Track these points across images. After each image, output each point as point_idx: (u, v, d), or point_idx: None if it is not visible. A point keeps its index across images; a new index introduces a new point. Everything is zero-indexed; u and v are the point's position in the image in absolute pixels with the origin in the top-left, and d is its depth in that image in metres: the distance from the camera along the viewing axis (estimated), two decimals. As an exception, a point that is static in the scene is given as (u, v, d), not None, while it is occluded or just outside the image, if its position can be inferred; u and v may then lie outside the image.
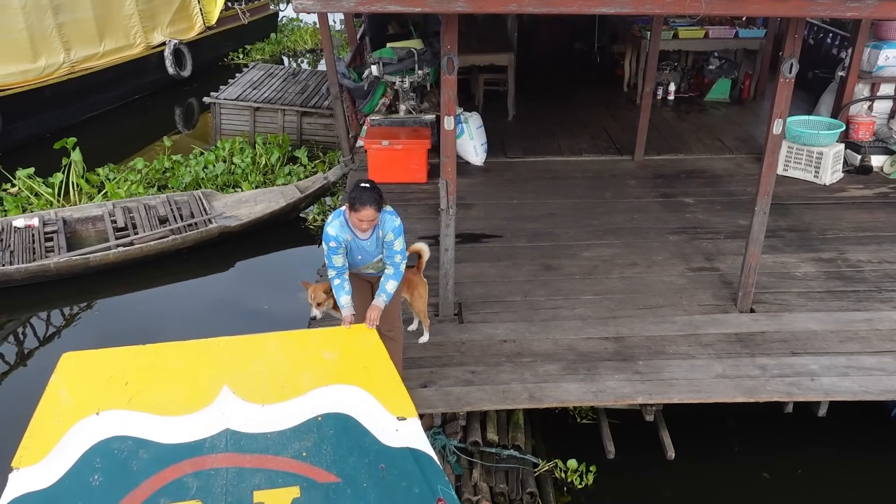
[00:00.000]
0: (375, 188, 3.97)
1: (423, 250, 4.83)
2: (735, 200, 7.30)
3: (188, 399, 3.75)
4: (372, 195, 3.91)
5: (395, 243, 4.11)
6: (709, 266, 6.09)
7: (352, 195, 3.95)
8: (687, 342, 5.11)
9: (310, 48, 17.37)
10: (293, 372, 4.00)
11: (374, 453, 3.50)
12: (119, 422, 3.59)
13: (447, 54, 4.58)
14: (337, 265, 4.17)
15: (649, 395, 4.59)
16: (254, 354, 4.12)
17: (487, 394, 4.62)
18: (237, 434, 3.55)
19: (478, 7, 3.75)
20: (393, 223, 4.07)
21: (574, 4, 3.73)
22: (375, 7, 3.72)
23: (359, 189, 3.94)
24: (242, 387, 3.82)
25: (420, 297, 4.85)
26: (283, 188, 8.31)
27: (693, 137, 9.02)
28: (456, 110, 4.83)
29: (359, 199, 3.90)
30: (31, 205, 8.30)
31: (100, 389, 3.80)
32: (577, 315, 5.44)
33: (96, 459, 3.39)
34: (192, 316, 6.72)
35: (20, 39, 10.34)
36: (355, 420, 3.68)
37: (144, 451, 3.44)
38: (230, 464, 3.40)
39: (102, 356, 4.08)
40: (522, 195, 7.49)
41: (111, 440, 3.48)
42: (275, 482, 3.32)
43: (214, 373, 3.93)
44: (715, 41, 10.14)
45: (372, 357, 4.01)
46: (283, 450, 3.48)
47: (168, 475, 3.34)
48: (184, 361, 4.05)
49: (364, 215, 3.91)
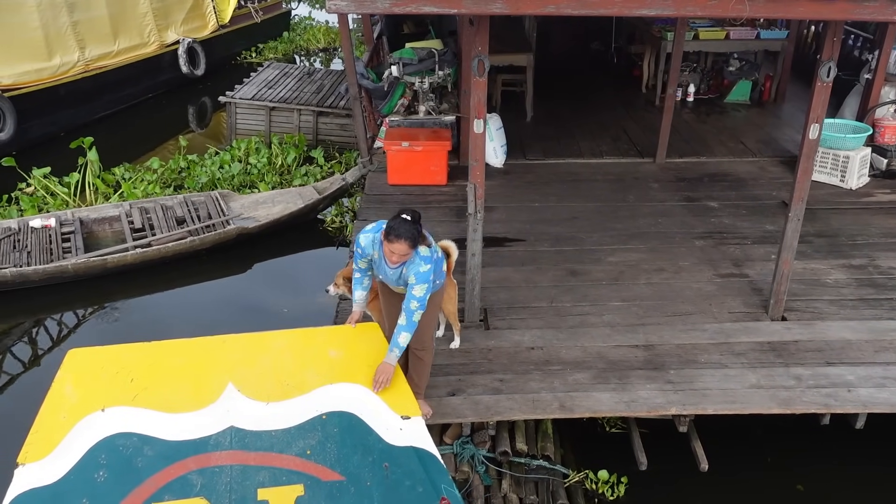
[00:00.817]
0: (417, 223, 3.71)
1: (452, 249, 4.73)
2: (761, 205, 7.19)
3: (193, 396, 3.76)
4: (409, 230, 3.65)
5: (414, 288, 3.78)
6: (737, 272, 5.98)
7: (390, 223, 3.70)
8: (719, 351, 5.00)
9: (323, 47, 17.30)
10: (298, 370, 4.02)
11: (378, 452, 3.52)
12: (124, 418, 3.61)
13: (478, 56, 4.49)
14: (360, 267, 4.15)
15: (683, 406, 4.48)
16: (259, 352, 4.13)
17: (517, 403, 4.52)
18: (242, 431, 3.57)
19: (515, 8, 3.65)
20: (418, 268, 3.76)
21: (614, 6, 3.64)
22: (410, 8, 3.63)
23: (399, 219, 3.68)
24: (247, 384, 3.84)
25: (450, 299, 4.76)
26: (300, 189, 8.23)
27: (715, 140, 8.90)
28: (485, 113, 4.73)
29: (394, 230, 3.64)
30: (48, 204, 8.24)
31: (105, 386, 3.82)
32: (606, 322, 5.34)
33: (101, 456, 3.42)
34: (210, 318, 6.64)
35: (35, 38, 10.29)
36: (359, 419, 3.72)
37: (149, 448, 3.46)
38: (235, 461, 3.42)
39: (108, 353, 4.11)
40: (544, 198, 7.39)
41: (116, 437, 3.51)
42: (279, 480, 3.34)
43: (219, 370, 3.94)
44: (736, 42, 10.01)
45: (377, 356, 3.98)
46: (288, 448, 3.51)
47: (173, 472, 3.36)
48: (189, 358, 4.07)
49: (395, 248, 3.67)
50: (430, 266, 3.83)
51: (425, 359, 4.29)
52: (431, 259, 3.86)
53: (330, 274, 7.22)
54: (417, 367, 4.32)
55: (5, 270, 6.61)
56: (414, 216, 3.73)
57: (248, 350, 4.14)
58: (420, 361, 4.28)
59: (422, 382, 4.38)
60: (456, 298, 4.82)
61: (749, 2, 3.60)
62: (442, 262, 4.17)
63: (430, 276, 3.82)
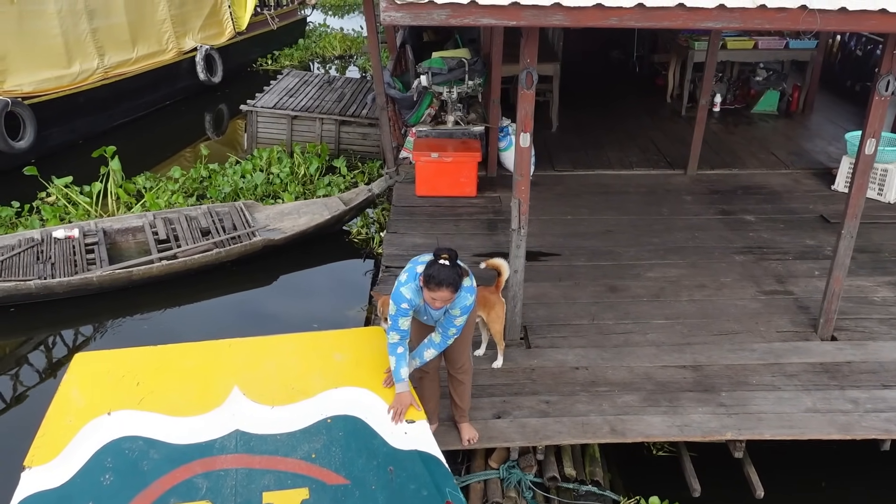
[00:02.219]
0: (455, 264, 3.51)
1: (504, 267, 4.61)
2: (798, 219, 7.04)
3: (199, 400, 3.78)
4: (451, 275, 3.46)
5: (456, 319, 3.69)
6: (781, 289, 5.83)
7: (428, 271, 3.49)
8: (770, 372, 4.85)
9: (338, 54, 17.20)
10: (303, 373, 4.03)
11: (383, 456, 3.54)
12: (130, 422, 3.63)
13: (526, 68, 4.36)
14: (402, 328, 3.70)
15: (738, 431, 4.33)
16: (264, 356, 4.14)
17: (566, 426, 4.37)
18: (247, 435, 3.58)
19: (576, 21, 3.52)
20: (465, 301, 3.63)
21: (679, 18, 3.51)
22: (468, 20, 3.50)
23: (437, 266, 3.48)
24: (253, 388, 3.85)
25: (498, 318, 4.63)
26: (326, 200, 8.10)
27: (745, 151, 8.76)
28: (531, 125, 4.61)
29: (435, 279, 3.45)
30: (69, 214, 8.12)
31: (111, 390, 3.84)
32: (650, 341, 5.19)
33: (107, 459, 3.43)
34: (236, 332, 6.50)
35: (55, 45, 10.21)
36: (364, 422, 3.73)
37: (155, 452, 3.48)
38: (240, 465, 3.44)
39: (114, 357, 4.13)
40: (576, 210, 7.25)
41: (122, 440, 3.53)
42: (284, 483, 3.36)
43: (225, 374, 3.96)
44: (764, 52, 9.88)
45: (382, 360, 3.93)
46: (293, 451, 3.52)
47: (178, 475, 3.38)
48: (195, 362, 4.08)
49: (439, 295, 3.50)
50: (474, 297, 3.71)
51: (466, 381, 4.17)
52: (473, 289, 3.71)
53: (358, 287, 7.15)
54: (459, 391, 4.19)
55: (30, 283, 6.49)
56: (451, 257, 3.52)
57: (253, 354, 4.14)
58: (461, 385, 4.17)
59: (465, 405, 4.25)
60: (504, 317, 4.69)
61: (820, 15, 3.46)
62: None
63: (472, 306, 3.73)
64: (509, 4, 3.42)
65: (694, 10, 3.46)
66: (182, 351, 4.19)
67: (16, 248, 7.04)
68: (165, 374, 3.97)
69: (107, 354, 4.18)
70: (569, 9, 3.46)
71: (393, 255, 6.36)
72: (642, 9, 3.47)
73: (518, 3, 3.42)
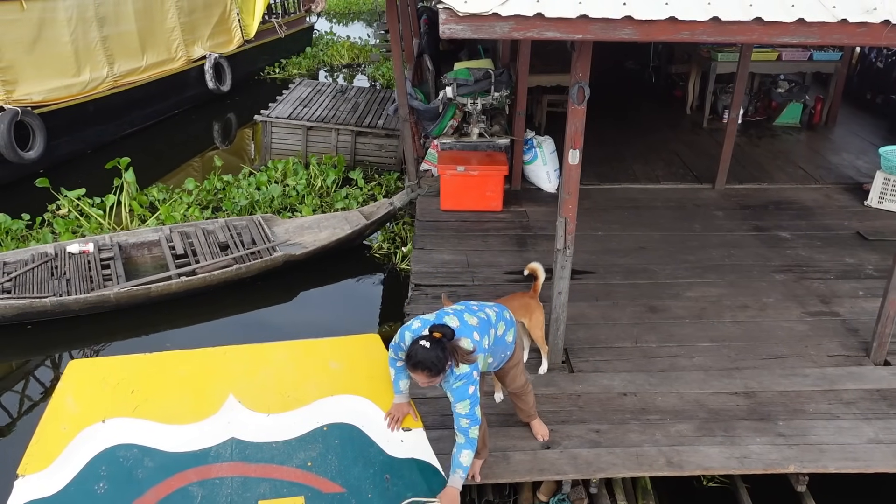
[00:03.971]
0: (440, 345, 3.10)
1: (539, 270, 4.52)
2: (834, 236, 6.87)
3: (194, 407, 3.77)
4: (429, 357, 3.08)
5: (457, 406, 3.28)
6: (826, 310, 5.64)
7: (411, 348, 3.17)
8: (826, 399, 4.65)
9: (346, 63, 17.03)
10: (299, 381, 3.99)
11: (379, 464, 3.51)
12: (125, 430, 3.61)
13: (578, 82, 4.19)
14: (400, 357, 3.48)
15: (801, 464, 4.13)
16: (260, 363, 4.12)
17: (619, 458, 4.17)
18: (242, 443, 3.58)
19: (645, 35, 3.34)
20: (451, 385, 3.25)
21: (754, 33, 3.33)
22: (531, 33, 3.32)
23: (418, 345, 3.12)
24: (248, 396, 3.84)
25: (538, 324, 4.53)
26: (346, 214, 7.90)
27: (772, 165, 8.59)
28: (581, 141, 4.42)
29: (412, 358, 3.13)
30: (82, 227, 7.91)
31: (106, 397, 3.83)
32: (697, 365, 5.00)
33: (102, 467, 3.41)
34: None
35: (65, 53, 10.01)
36: (360, 430, 3.68)
37: (150, 460, 3.47)
38: (235, 473, 3.43)
39: (109, 364, 4.12)
40: (606, 226, 7.07)
41: (117, 448, 3.51)
42: (280, 492, 3.34)
43: (220, 381, 3.95)
44: (788, 64, 9.73)
45: (378, 367, 3.95)
46: (289, 459, 3.51)
47: (173, 483, 3.36)
48: (190, 370, 4.07)
49: (416, 377, 3.19)
50: (465, 381, 3.25)
51: (528, 398, 4.11)
52: (469, 375, 3.26)
53: (383, 304, 6.94)
54: (521, 405, 4.14)
55: (45, 300, 6.27)
56: (443, 334, 3.15)
57: (249, 361, 4.13)
58: (524, 402, 4.11)
59: (530, 408, 4.18)
60: (543, 322, 4.61)
61: (903, 29, 3.29)
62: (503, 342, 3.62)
63: (467, 389, 3.26)
64: (577, 17, 3.24)
65: (771, 24, 3.29)
66: (177, 358, 4.18)
67: (29, 264, 6.83)
68: (160, 381, 3.96)
69: (101, 362, 4.18)
70: (639, 22, 3.28)
71: (422, 273, 6.16)
72: (717, 23, 3.29)
73: (587, 17, 3.24)
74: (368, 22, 23.75)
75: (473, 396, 3.28)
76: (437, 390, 3.61)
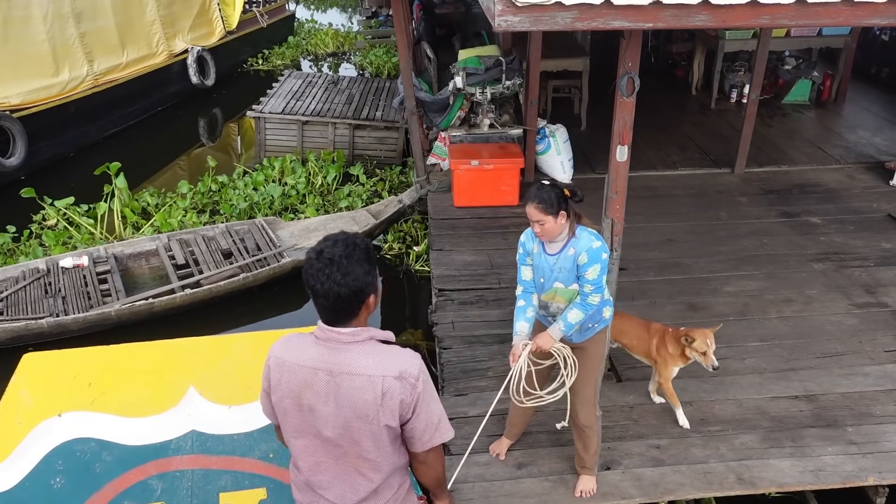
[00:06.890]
0: (554, 188, 3.27)
1: None
2: (866, 219, 6.62)
3: (153, 400, 3.72)
4: (542, 191, 3.24)
5: (588, 270, 3.30)
6: (874, 301, 5.39)
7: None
8: (891, 400, 4.40)
9: (331, 51, 16.50)
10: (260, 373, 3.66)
11: None
12: (82, 423, 3.56)
13: (627, 72, 3.86)
14: (524, 279, 3.56)
15: (880, 475, 3.87)
16: (221, 355, 4.07)
17: (686, 477, 3.88)
18: (203, 435, 3.54)
19: (721, 21, 3.01)
20: (590, 244, 3.30)
21: (841, 15, 3.01)
22: (596, 23, 2.97)
23: (535, 186, 3.33)
24: (209, 388, 3.79)
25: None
26: (353, 214, 7.51)
27: (788, 145, 8.33)
28: (630, 137, 4.11)
29: (528, 194, 3.29)
30: (73, 239, 7.45)
31: (62, 390, 3.76)
32: (750, 367, 4.72)
33: (58, 461, 3.37)
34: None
35: (42, 52, 9.45)
36: None
37: (108, 453, 3.43)
38: (196, 465, 3.41)
39: (65, 356, 4.05)
40: (629, 217, 6.51)
41: (74, 442, 3.47)
42: (241, 484, 3.33)
43: (180, 373, 3.90)
44: (795, 39, 9.45)
45: None
46: (250, 451, 3.48)
47: (132, 477, 3.34)
48: (149, 362, 4.01)
49: (528, 212, 3.29)
50: (602, 243, 3.34)
51: (593, 436, 3.69)
52: (604, 247, 3.36)
53: (403, 307, 6.59)
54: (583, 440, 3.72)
55: (41, 321, 5.84)
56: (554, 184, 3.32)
57: (209, 353, 4.08)
58: (588, 439, 3.70)
59: (588, 456, 3.76)
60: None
61: None
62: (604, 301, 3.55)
63: (601, 254, 3.31)
64: (649, 4, 2.89)
65: (861, 4, 2.97)
66: (136, 350, 4.11)
67: (20, 281, 6.38)
68: (119, 374, 3.89)
69: (57, 354, 4.08)
70: (716, 7, 2.94)
71: (445, 277, 5.83)
72: (801, 5, 2.96)
73: (660, 3, 2.90)
74: (343, 7, 23.12)
75: (605, 267, 3.32)
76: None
